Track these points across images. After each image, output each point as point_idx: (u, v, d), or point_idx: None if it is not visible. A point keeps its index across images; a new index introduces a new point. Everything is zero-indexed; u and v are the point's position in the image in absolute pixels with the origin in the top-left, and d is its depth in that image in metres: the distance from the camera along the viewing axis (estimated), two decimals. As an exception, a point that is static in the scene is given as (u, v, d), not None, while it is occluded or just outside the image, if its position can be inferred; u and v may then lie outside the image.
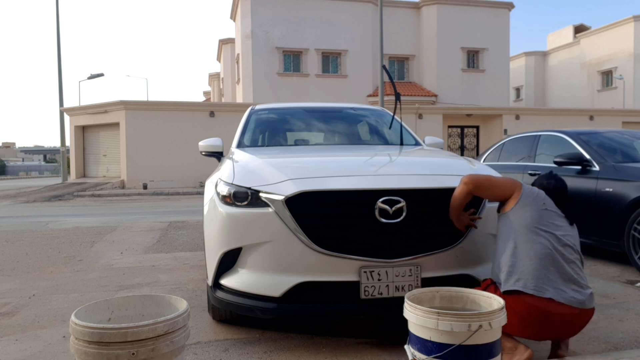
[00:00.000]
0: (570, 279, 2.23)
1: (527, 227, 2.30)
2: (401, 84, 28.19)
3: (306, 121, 4.52)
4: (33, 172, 52.43)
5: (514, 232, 2.32)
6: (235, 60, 30.91)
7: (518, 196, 2.38)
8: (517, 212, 2.35)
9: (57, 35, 21.32)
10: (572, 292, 2.21)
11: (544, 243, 2.25)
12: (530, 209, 2.34)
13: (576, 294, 2.21)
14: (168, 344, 1.67)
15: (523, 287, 2.18)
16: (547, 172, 2.66)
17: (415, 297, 1.91)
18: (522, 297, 2.17)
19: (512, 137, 6.53)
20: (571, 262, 2.28)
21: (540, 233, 2.28)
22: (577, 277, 2.26)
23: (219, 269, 2.67)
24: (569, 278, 2.23)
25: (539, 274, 2.19)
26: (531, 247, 2.25)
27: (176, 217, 9.08)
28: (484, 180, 2.45)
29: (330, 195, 2.50)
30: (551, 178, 2.56)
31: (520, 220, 2.32)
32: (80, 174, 21.29)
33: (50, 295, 3.88)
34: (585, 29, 39.12)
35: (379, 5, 17.16)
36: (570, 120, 22.42)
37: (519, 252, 2.26)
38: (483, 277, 2.67)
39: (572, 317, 2.21)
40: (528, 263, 2.22)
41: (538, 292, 2.16)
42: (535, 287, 2.17)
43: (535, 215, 2.32)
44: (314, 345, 2.71)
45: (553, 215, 2.36)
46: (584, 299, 2.23)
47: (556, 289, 2.18)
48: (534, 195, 2.40)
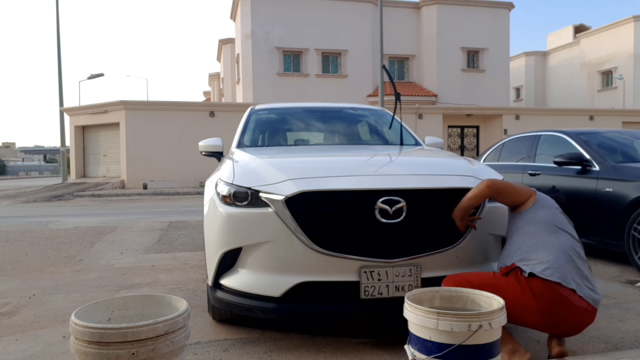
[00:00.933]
0: (586, 277, 2.30)
1: (548, 223, 2.39)
2: (401, 84, 28.19)
3: (306, 121, 4.52)
4: (33, 172, 52.44)
5: (535, 226, 2.39)
6: (235, 60, 30.91)
7: (534, 199, 2.49)
8: (535, 210, 2.45)
9: (57, 35, 21.32)
10: (587, 290, 2.27)
11: (564, 239, 2.35)
12: (548, 210, 2.46)
13: (590, 292, 2.28)
14: (168, 344, 1.67)
15: (550, 275, 2.22)
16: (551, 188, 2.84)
17: (415, 297, 1.91)
18: (549, 283, 2.21)
19: (512, 137, 6.53)
20: (585, 262, 2.36)
21: (560, 231, 2.38)
22: (590, 277, 2.34)
23: (219, 269, 2.67)
24: (584, 276, 2.30)
25: (563, 266, 2.25)
26: (554, 241, 2.32)
27: (176, 217, 9.08)
28: (504, 186, 2.52)
29: (330, 195, 2.50)
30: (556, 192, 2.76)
31: (540, 217, 2.42)
32: (80, 174, 21.29)
33: (50, 295, 3.88)
34: (585, 29, 39.11)
35: (379, 5, 17.16)
36: (570, 120, 22.42)
37: (542, 243, 2.32)
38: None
39: (585, 313, 2.26)
40: (552, 254, 2.28)
41: (564, 281, 2.21)
42: (561, 276, 2.22)
43: (553, 215, 2.44)
44: (314, 345, 2.71)
45: (566, 219, 2.49)
46: (598, 298, 2.30)
47: (577, 284, 2.24)
48: (548, 200, 2.53)
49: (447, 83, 28.35)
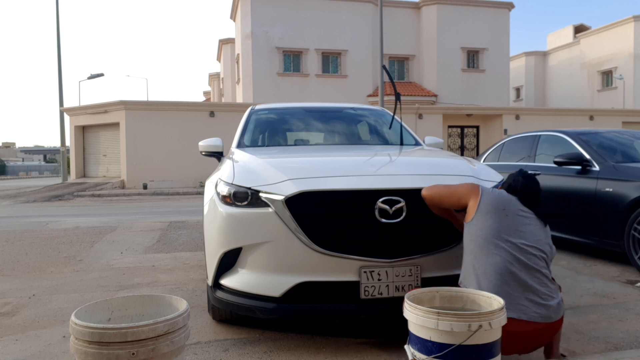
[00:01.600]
0: (534, 290, 2.12)
1: (486, 239, 2.19)
2: (401, 84, 28.18)
3: (306, 121, 4.52)
4: (33, 172, 52.41)
5: (474, 245, 2.22)
6: (235, 60, 30.91)
7: (476, 204, 2.27)
8: (477, 222, 2.24)
9: (57, 35, 21.32)
10: (534, 306, 2.10)
11: (503, 256, 2.14)
12: (489, 217, 2.22)
13: (539, 308, 2.11)
14: (168, 344, 1.67)
15: None
16: (517, 170, 2.50)
17: (415, 297, 1.91)
18: None
19: (512, 137, 6.53)
20: (535, 272, 2.15)
21: (500, 245, 2.16)
22: (542, 287, 2.15)
23: (219, 269, 2.67)
24: (532, 290, 2.12)
25: (499, 291, 2.07)
26: (490, 262, 2.15)
27: (176, 217, 9.08)
28: (437, 191, 2.41)
29: (330, 195, 2.51)
30: (519, 176, 2.41)
31: (480, 231, 2.21)
32: (80, 174, 21.29)
33: (50, 295, 3.88)
34: (585, 29, 39.11)
35: (379, 5, 17.16)
36: (570, 120, 22.42)
37: (479, 267, 2.17)
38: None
39: (537, 333, 2.11)
40: (487, 280, 2.12)
41: None
42: None
43: (495, 224, 2.20)
44: (314, 345, 2.71)
45: (517, 219, 2.23)
46: (549, 313, 2.13)
47: (517, 306, 2.08)
48: (493, 202, 2.26)
49: (447, 83, 28.35)
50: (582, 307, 3.38)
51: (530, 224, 2.25)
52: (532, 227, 2.25)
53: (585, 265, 4.68)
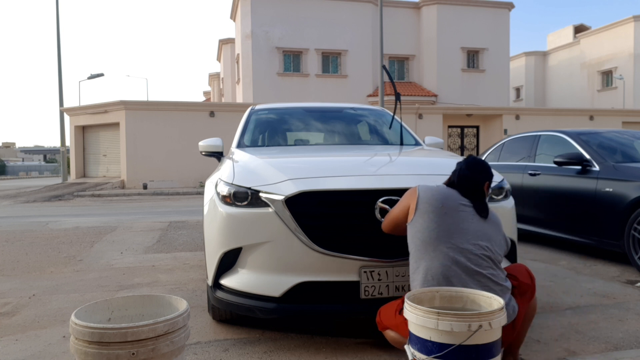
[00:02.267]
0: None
1: (425, 242, 2.09)
2: (401, 84, 28.19)
3: (306, 121, 4.52)
4: (33, 172, 52.41)
5: (415, 247, 2.14)
6: (235, 60, 30.91)
7: (414, 206, 2.15)
8: (416, 223, 2.14)
9: (57, 35, 21.32)
10: None
11: (441, 260, 2.04)
12: (427, 217, 2.11)
13: None
14: (168, 344, 1.67)
15: None
16: (465, 158, 2.35)
17: (415, 297, 1.91)
18: None
19: (512, 137, 6.53)
20: (477, 274, 2.05)
21: (439, 247, 2.06)
22: (484, 289, 2.04)
23: (219, 269, 2.67)
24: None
25: None
26: (429, 266, 2.06)
27: (176, 217, 9.08)
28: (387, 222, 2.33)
29: (330, 195, 2.51)
30: (462, 164, 2.27)
31: (419, 234, 2.11)
32: (80, 174, 21.30)
33: (50, 295, 3.88)
34: (585, 29, 39.11)
35: (379, 5, 17.16)
36: (570, 120, 22.42)
37: (419, 270, 2.09)
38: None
39: None
40: (425, 284, 2.06)
41: None
42: None
43: (433, 224, 2.09)
44: (314, 345, 2.71)
45: (457, 216, 2.11)
46: None
47: None
48: (430, 199, 2.15)
49: (447, 83, 28.35)
50: (582, 307, 3.38)
51: (473, 219, 2.13)
52: (475, 222, 2.12)
53: (585, 265, 4.68)
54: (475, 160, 2.29)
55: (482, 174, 2.24)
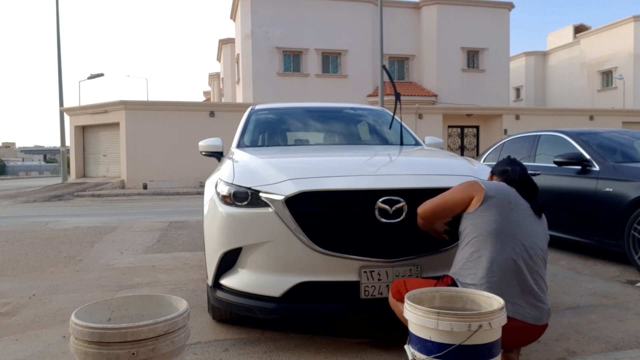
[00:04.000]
0: (531, 292, 2.08)
1: (492, 234, 2.10)
2: (401, 84, 28.18)
3: (306, 121, 4.52)
4: (33, 172, 52.40)
5: (478, 237, 2.13)
6: (235, 60, 30.91)
7: (480, 198, 2.16)
8: (481, 214, 2.15)
9: (57, 35, 21.32)
10: (529, 307, 2.06)
11: (509, 254, 2.07)
12: (495, 211, 2.13)
13: (532, 309, 2.07)
14: (168, 344, 1.67)
15: None
16: (507, 158, 2.38)
17: (415, 297, 1.91)
18: None
19: (512, 137, 6.53)
20: (535, 273, 2.11)
21: (506, 241, 2.09)
22: (539, 290, 2.10)
23: (219, 269, 2.68)
24: (529, 291, 2.08)
25: (498, 288, 2.03)
26: (495, 258, 2.07)
27: (176, 217, 9.08)
28: (431, 207, 2.29)
29: (330, 195, 2.50)
30: (515, 164, 2.32)
31: (485, 225, 2.12)
32: (80, 174, 21.29)
33: (50, 295, 3.88)
34: (585, 29, 39.11)
35: (379, 5, 17.16)
36: (570, 120, 22.42)
37: (482, 259, 2.09)
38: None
39: (522, 332, 2.07)
40: (489, 274, 2.06)
41: None
42: None
43: (500, 218, 2.11)
44: (314, 345, 2.71)
45: (520, 214, 2.16)
46: (540, 315, 2.08)
47: (513, 304, 2.04)
48: (499, 194, 2.18)
49: (447, 83, 28.35)
50: (582, 307, 3.38)
51: (532, 219, 2.19)
52: (534, 222, 2.19)
53: (585, 265, 4.68)
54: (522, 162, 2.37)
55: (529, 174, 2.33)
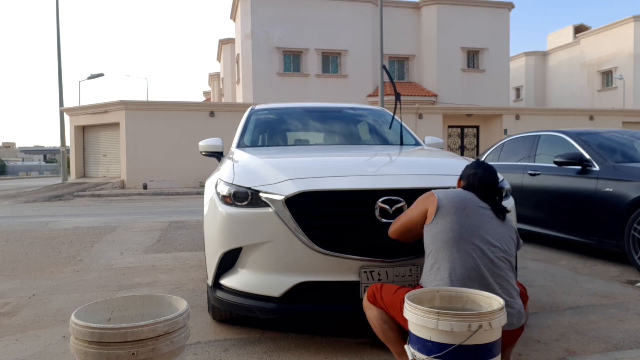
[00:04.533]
0: (495, 292, 2.03)
1: (447, 243, 2.08)
2: (401, 84, 28.18)
3: (306, 121, 4.52)
4: (33, 172, 52.40)
5: (435, 248, 2.12)
6: (235, 60, 30.91)
7: (434, 209, 2.16)
8: (437, 224, 2.14)
9: (57, 35, 21.32)
10: None
11: (467, 260, 2.05)
12: (450, 219, 2.11)
13: None
14: (168, 344, 1.67)
15: None
16: (475, 161, 2.36)
17: (415, 297, 1.91)
18: None
19: (512, 137, 6.53)
20: (498, 277, 2.06)
21: (463, 248, 2.06)
22: (505, 294, 2.05)
23: (219, 269, 2.67)
24: (494, 292, 2.03)
25: None
26: (453, 266, 2.05)
27: (176, 217, 9.08)
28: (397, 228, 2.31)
29: (330, 195, 2.50)
30: (478, 168, 2.30)
31: (440, 234, 2.11)
32: (80, 174, 21.29)
33: (50, 295, 3.88)
34: (585, 29, 39.11)
35: (379, 5, 17.16)
36: (570, 120, 22.42)
37: (441, 270, 2.08)
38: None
39: None
40: (449, 284, 2.04)
41: None
42: None
43: (455, 226, 2.09)
44: (314, 345, 2.71)
45: (478, 218, 2.14)
46: (510, 319, 2.01)
47: None
48: (452, 201, 2.16)
49: (447, 83, 28.35)
50: (582, 307, 3.38)
51: (492, 221, 2.16)
52: (494, 224, 2.16)
53: (585, 265, 4.68)
54: (487, 163, 2.35)
55: (495, 176, 2.30)
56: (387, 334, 2.18)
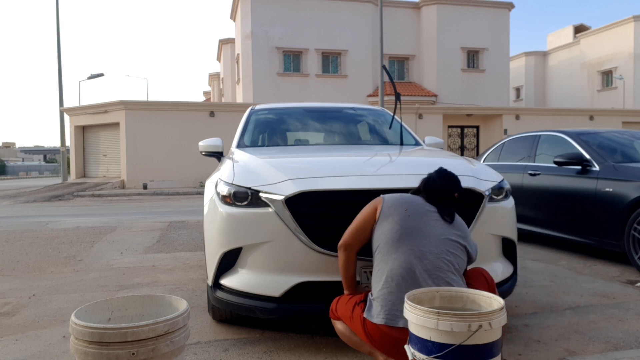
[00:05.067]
0: None
1: (387, 244, 2.10)
2: (401, 84, 28.19)
3: (306, 121, 4.52)
4: (33, 172, 52.41)
5: (377, 251, 2.14)
6: (235, 60, 30.91)
7: (379, 211, 2.18)
8: (379, 227, 2.16)
9: (57, 35, 21.33)
10: None
11: (403, 262, 2.05)
12: (391, 220, 2.13)
13: None
14: (168, 344, 1.67)
15: (376, 315, 2.03)
16: (438, 168, 2.35)
17: (415, 297, 1.91)
18: (378, 326, 2.02)
19: (512, 137, 6.53)
20: (439, 279, 2.04)
21: (401, 249, 2.06)
22: None
23: (219, 269, 2.67)
24: None
25: (394, 299, 2.01)
26: (391, 268, 2.06)
27: (176, 217, 9.08)
28: (352, 229, 2.25)
29: (330, 195, 2.50)
30: (436, 174, 2.31)
31: (382, 237, 2.13)
32: (80, 174, 21.30)
33: (50, 295, 3.88)
34: (585, 29, 39.12)
35: (379, 5, 17.16)
36: (570, 120, 22.42)
37: (381, 271, 2.09)
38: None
39: None
40: (385, 285, 2.05)
41: (390, 321, 1.99)
42: (387, 316, 2.00)
43: (396, 226, 2.11)
44: (314, 345, 2.71)
45: (421, 220, 2.14)
46: None
47: None
48: (395, 204, 2.18)
49: (447, 83, 28.36)
50: (582, 307, 3.38)
51: (436, 223, 2.15)
52: (438, 226, 2.15)
53: (585, 265, 4.68)
54: (447, 171, 2.33)
55: (452, 184, 2.27)
56: (352, 339, 2.24)
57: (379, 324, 2.01)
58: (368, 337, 2.07)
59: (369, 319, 2.05)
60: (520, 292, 3.72)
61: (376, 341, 2.04)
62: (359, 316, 2.11)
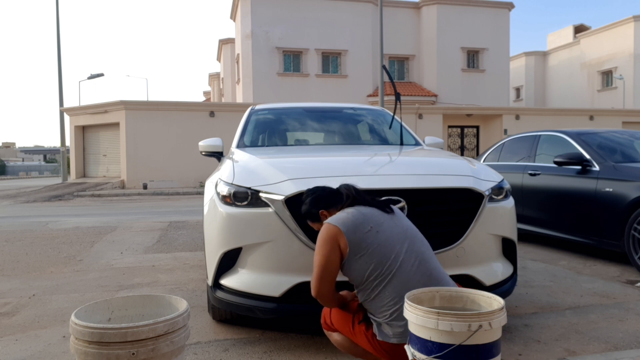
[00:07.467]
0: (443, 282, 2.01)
1: (376, 269, 1.95)
2: (401, 84, 28.19)
3: (306, 121, 4.52)
4: (33, 172, 52.41)
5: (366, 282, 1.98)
6: (235, 60, 30.91)
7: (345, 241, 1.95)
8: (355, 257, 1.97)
9: (57, 35, 21.33)
10: None
11: (402, 275, 1.95)
12: (365, 246, 1.95)
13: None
14: (168, 344, 1.67)
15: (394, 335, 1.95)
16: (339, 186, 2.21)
17: (415, 297, 1.91)
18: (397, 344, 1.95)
19: (512, 137, 6.53)
20: (435, 269, 2.03)
21: (393, 264, 1.95)
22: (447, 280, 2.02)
23: (219, 269, 2.67)
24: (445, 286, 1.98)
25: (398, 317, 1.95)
26: (392, 289, 1.96)
27: (176, 217, 9.08)
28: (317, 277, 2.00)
29: (330, 195, 2.50)
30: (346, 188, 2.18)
31: (365, 265, 1.96)
32: (80, 174, 21.30)
33: (50, 295, 3.88)
34: (585, 29, 39.11)
35: (379, 5, 17.16)
36: (570, 120, 22.42)
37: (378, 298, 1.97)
38: (483, 278, 2.67)
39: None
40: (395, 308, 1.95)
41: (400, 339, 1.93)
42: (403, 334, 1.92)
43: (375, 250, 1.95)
44: (314, 345, 2.71)
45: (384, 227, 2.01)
46: None
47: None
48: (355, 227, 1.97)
49: (447, 83, 28.35)
50: (582, 307, 3.38)
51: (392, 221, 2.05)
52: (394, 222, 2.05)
53: (585, 265, 4.68)
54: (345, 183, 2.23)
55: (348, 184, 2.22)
56: (353, 350, 2.16)
57: (400, 343, 1.92)
58: (380, 353, 2.01)
59: (385, 340, 1.96)
60: (520, 292, 3.72)
61: (391, 354, 1.99)
62: (364, 333, 2.02)
